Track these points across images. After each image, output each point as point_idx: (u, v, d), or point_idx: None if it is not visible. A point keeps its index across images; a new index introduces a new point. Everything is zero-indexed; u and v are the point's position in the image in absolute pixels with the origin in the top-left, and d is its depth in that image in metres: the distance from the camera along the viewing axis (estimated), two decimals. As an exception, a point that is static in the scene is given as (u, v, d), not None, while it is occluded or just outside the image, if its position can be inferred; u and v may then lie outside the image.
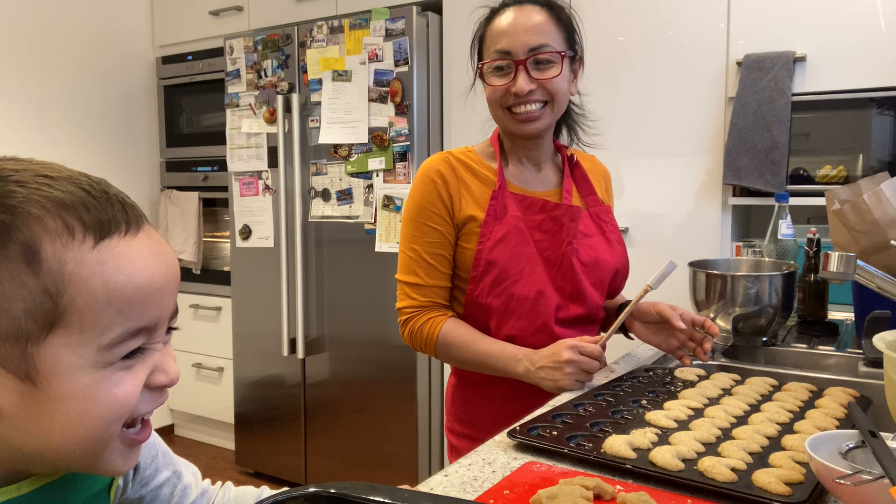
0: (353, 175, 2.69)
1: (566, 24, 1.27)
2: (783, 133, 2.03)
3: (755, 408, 1.05)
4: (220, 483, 0.89)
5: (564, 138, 1.44)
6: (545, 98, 1.24)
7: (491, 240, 1.26)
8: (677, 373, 1.24)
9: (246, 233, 3.02)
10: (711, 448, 0.89)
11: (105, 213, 0.51)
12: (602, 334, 1.21)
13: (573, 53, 1.28)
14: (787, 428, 0.97)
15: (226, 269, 3.29)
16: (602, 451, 0.88)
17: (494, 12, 1.27)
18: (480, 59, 1.29)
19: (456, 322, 1.28)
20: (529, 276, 1.26)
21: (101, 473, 0.57)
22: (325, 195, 2.77)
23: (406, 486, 0.79)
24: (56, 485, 0.58)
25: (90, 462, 0.54)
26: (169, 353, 0.56)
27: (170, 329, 0.57)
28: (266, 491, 0.89)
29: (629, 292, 1.43)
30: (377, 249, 2.64)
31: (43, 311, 0.48)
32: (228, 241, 3.17)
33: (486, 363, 1.24)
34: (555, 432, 0.95)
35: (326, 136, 2.72)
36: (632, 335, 1.36)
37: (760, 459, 0.85)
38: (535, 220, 1.28)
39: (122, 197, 0.54)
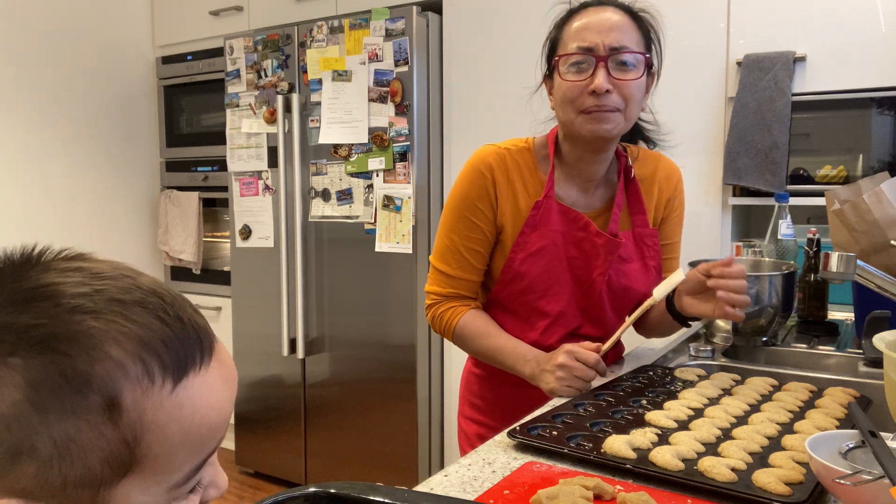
0: (353, 175, 2.69)
1: (646, 31, 1.23)
2: (783, 133, 2.02)
3: (755, 408, 1.05)
4: None
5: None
6: (619, 105, 1.16)
7: (525, 251, 1.25)
8: (677, 373, 1.24)
9: (246, 233, 3.02)
10: (711, 448, 0.89)
11: (183, 350, 0.49)
12: (604, 343, 1.20)
13: (652, 63, 1.22)
14: (787, 428, 0.97)
15: (226, 269, 3.29)
16: (602, 451, 0.88)
17: (573, 12, 1.22)
18: (551, 59, 1.23)
19: (476, 314, 1.29)
20: (557, 293, 1.26)
21: None
22: (325, 195, 2.77)
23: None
24: None
25: None
26: (217, 459, 0.55)
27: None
28: None
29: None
30: (377, 249, 2.64)
31: (119, 460, 0.46)
32: (228, 241, 3.17)
33: (497, 358, 1.26)
34: (555, 432, 0.95)
35: (326, 136, 2.72)
36: (686, 318, 1.26)
37: (760, 459, 0.85)
38: (576, 236, 1.25)
39: (195, 322, 0.51)
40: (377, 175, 2.62)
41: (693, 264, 1.56)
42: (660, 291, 1.18)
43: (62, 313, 0.46)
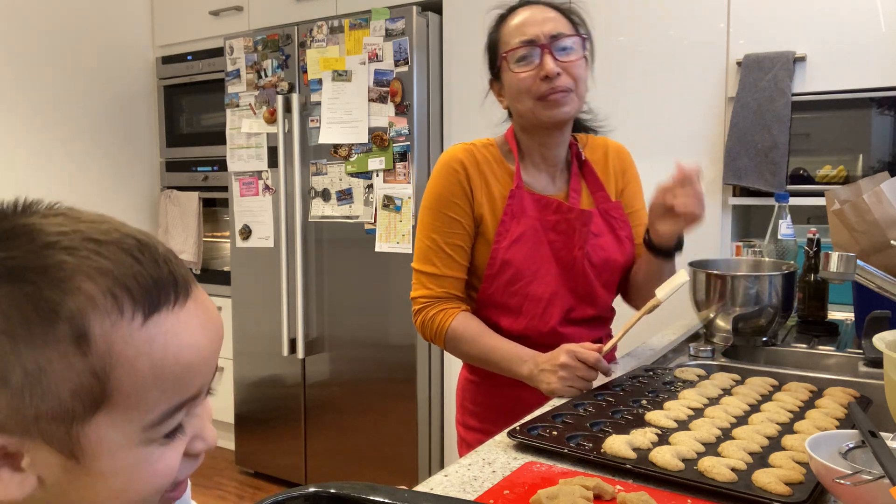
0: (353, 175, 2.69)
1: (574, 21, 1.30)
2: (783, 133, 2.03)
3: (755, 408, 1.05)
4: None
5: None
6: (570, 86, 1.23)
7: (508, 239, 1.27)
8: (677, 373, 1.24)
9: (246, 233, 3.02)
10: (711, 448, 0.89)
11: (155, 286, 0.49)
12: (607, 343, 1.20)
13: (587, 46, 1.29)
14: (787, 428, 0.97)
15: (226, 269, 3.29)
16: (602, 451, 0.88)
17: (504, 15, 1.29)
18: (495, 61, 1.29)
19: (468, 316, 1.28)
20: (544, 276, 1.28)
21: None
22: (325, 195, 2.77)
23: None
24: None
25: None
26: (206, 413, 0.55)
27: (208, 391, 0.56)
28: None
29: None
30: (377, 249, 2.64)
31: (89, 393, 0.47)
32: (228, 241, 3.17)
33: (492, 360, 1.25)
34: (555, 432, 0.95)
35: (326, 136, 2.72)
36: (664, 247, 1.29)
37: (760, 459, 0.85)
38: (551, 220, 1.29)
39: (168, 259, 0.52)
40: (377, 175, 2.62)
41: (693, 264, 1.57)
42: (663, 292, 1.18)
43: (37, 248, 0.47)
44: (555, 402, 1.11)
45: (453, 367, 2.63)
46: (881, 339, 0.92)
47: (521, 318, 1.29)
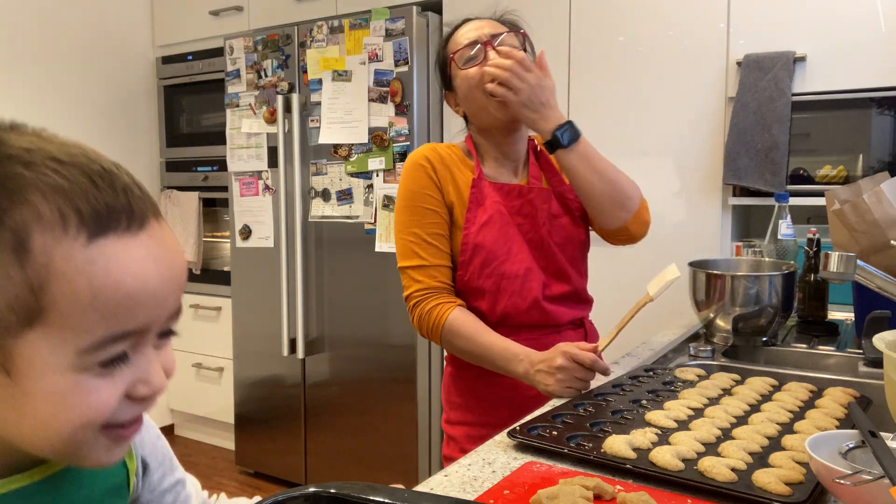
0: (353, 175, 2.69)
1: (514, 27, 1.37)
2: (783, 133, 2.03)
3: (755, 408, 1.05)
4: (215, 496, 0.88)
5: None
6: None
7: (476, 224, 1.30)
8: (677, 373, 1.24)
9: (246, 233, 3.02)
10: (711, 448, 0.89)
11: (105, 207, 0.48)
12: (600, 341, 1.20)
13: (526, 34, 1.37)
14: (787, 428, 0.97)
15: (226, 269, 3.29)
16: (602, 451, 0.88)
17: (451, 33, 1.36)
18: (446, 72, 1.36)
19: (464, 311, 1.29)
20: (517, 254, 1.30)
21: (86, 466, 0.55)
22: (325, 195, 2.77)
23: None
24: (68, 474, 0.57)
25: (68, 458, 0.53)
26: (163, 357, 0.54)
27: (169, 333, 0.55)
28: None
29: (628, 297, 1.43)
30: (377, 249, 2.64)
31: (24, 305, 0.46)
32: (228, 241, 3.17)
33: (487, 358, 1.25)
34: (555, 432, 0.95)
35: (326, 136, 2.72)
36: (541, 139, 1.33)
37: (760, 459, 0.85)
38: (515, 205, 1.32)
39: (130, 188, 0.51)
40: (377, 175, 2.62)
41: (693, 264, 1.57)
42: (655, 290, 1.17)
43: None
44: (554, 402, 1.11)
45: (453, 367, 2.63)
46: (881, 339, 0.92)
47: (500, 298, 1.30)
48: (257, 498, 0.87)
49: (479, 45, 1.29)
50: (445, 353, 1.44)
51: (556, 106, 1.26)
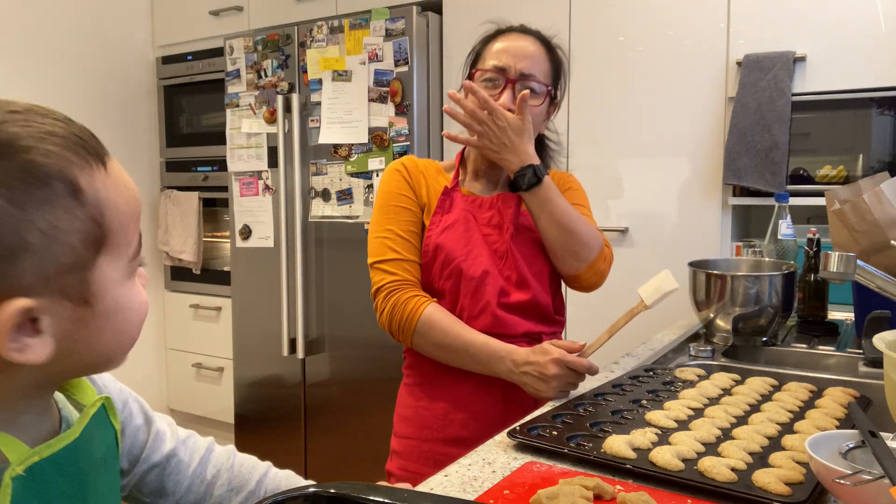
0: (353, 175, 2.69)
1: (556, 65, 1.35)
2: (783, 133, 2.03)
3: (755, 408, 1.05)
4: (224, 448, 0.88)
5: None
6: None
7: (440, 226, 1.29)
8: (677, 373, 1.24)
9: (246, 233, 3.02)
10: (711, 448, 0.89)
11: (90, 140, 0.57)
12: (590, 343, 1.17)
13: (555, 95, 1.35)
14: (787, 428, 0.97)
15: (226, 269, 3.29)
16: (602, 451, 0.88)
17: (498, 32, 1.35)
18: (470, 72, 1.35)
19: (439, 307, 1.26)
20: (476, 257, 1.28)
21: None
22: (325, 195, 2.77)
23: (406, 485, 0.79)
24: (83, 440, 0.61)
25: (124, 357, 0.62)
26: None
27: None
28: (271, 469, 0.87)
29: (624, 300, 1.42)
30: (377, 249, 2.64)
31: (94, 237, 0.54)
32: (228, 241, 3.17)
33: (468, 353, 1.22)
34: (555, 432, 0.95)
35: (326, 136, 2.72)
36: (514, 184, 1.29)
37: (760, 459, 0.85)
38: (484, 216, 1.31)
39: (83, 128, 0.58)
40: (377, 175, 2.62)
41: (693, 264, 1.57)
42: (651, 298, 1.13)
43: None
44: (554, 402, 1.11)
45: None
46: (881, 339, 0.92)
47: (457, 298, 1.27)
48: (269, 465, 0.88)
49: (502, 79, 1.28)
50: (405, 363, 1.38)
51: (522, 148, 1.24)
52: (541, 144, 1.41)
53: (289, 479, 0.86)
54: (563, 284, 1.39)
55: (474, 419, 1.27)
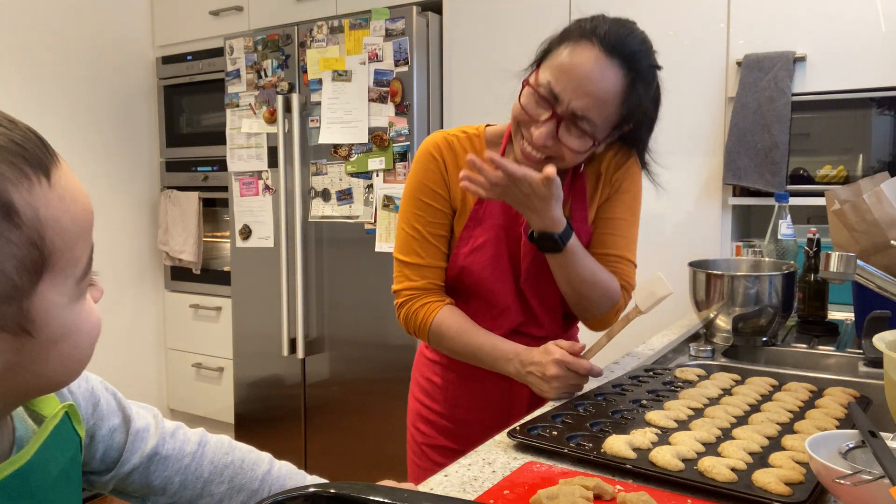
0: (353, 175, 2.69)
1: (632, 99, 1.13)
2: (783, 133, 2.03)
3: (755, 408, 1.05)
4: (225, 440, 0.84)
5: None
6: (553, 155, 1.13)
7: (469, 245, 1.25)
8: (677, 373, 1.24)
9: (246, 233, 3.02)
10: (711, 448, 0.89)
11: (35, 149, 0.50)
12: (588, 346, 1.16)
13: (613, 137, 1.18)
14: (787, 428, 0.97)
15: (226, 269, 3.29)
16: (602, 451, 0.88)
17: (581, 34, 1.10)
18: (537, 62, 1.16)
19: (452, 310, 1.25)
20: (501, 290, 1.26)
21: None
22: (325, 195, 2.77)
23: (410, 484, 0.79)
24: (35, 462, 0.58)
25: (72, 381, 0.58)
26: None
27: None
28: (273, 466, 0.85)
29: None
30: (377, 249, 2.64)
31: (32, 262, 0.48)
32: (228, 241, 3.17)
33: (478, 357, 1.23)
34: (555, 432, 0.95)
35: (326, 136, 2.72)
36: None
37: (760, 459, 0.85)
38: (516, 231, 1.25)
39: (29, 132, 0.53)
40: (377, 175, 2.62)
41: (693, 264, 1.57)
42: (644, 303, 1.12)
43: None
44: (554, 402, 1.11)
45: (453, 367, 2.63)
46: (881, 339, 0.92)
47: (483, 318, 1.26)
48: (225, 437, 0.84)
49: (548, 108, 1.09)
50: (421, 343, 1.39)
51: (547, 214, 1.09)
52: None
53: (291, 476, 0.84)
54: None
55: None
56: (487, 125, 1.30)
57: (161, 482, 0.75)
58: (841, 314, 1.76)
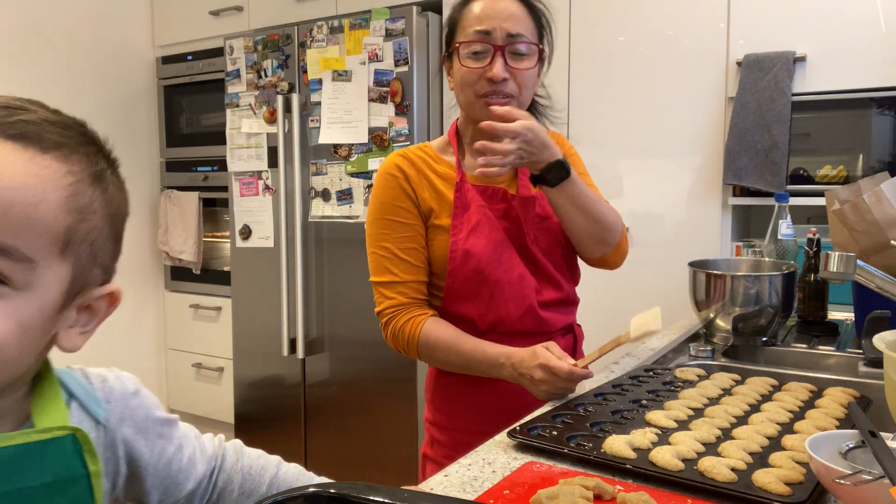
0: (353, 175, 2.69)
1: (539, 21, 1.26)
2: (783, 133, 2.03)
3: (755, 408, 1.05)
4: (231, 443, 0.83)
5: None
6: (514, 92, 1.22)
7: (463, 231, 1.25)
8: (677, 373, 1.24)
9: (246, 233, 3.02)
10: (711, 448, 0.89)
11: None
12: (583, 357, 1.15)
13: (543, 51, 1.28)
14: (787, 428, 0.97)
15: (226, 269, 3.29)
16: (602, 451, 0.88)
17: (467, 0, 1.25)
18: (451, 41, 1.27)
19: (437, 321, 1.25)
20: (508, 261, 1.26)
21: None
22: (325, 195, 2.77)
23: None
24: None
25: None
26: None
27: None
28: (280, 469, 0.85)
29: (625, 300, 1.42)
30: (377, 249, 2.64)
31: None
32: (228, 241, 3.17)
33: (470, 366, 1.22)
34: (555, 432, 0.95)
35: (326, 136, 2.72)
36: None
37: (760, 459, 0.85)
38: (500, 208, 1.28)
39: None
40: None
41: (693, 264, 1.57)
42: (636, 331, 1.12)
43: None
44: (555, 402, 1.11)
45: (453, 367, 2.63)
46: (881, 339, 0.92)
47: (493, 305, 1.26)
48: (237, 442, 0.83)
49: (489, 47, 1.19)
50: None
51: (549, 144, 1.17)
52: (531, 105, 1.36)
53: (298, 478, 0.84)
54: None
55: (503, 410, 1.26)
56: (427, 142, 1.38)
57: (187, 498, 0.76)
58: (841, 314, 1.76)
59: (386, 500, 0.64)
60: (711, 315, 1.50)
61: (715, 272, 1.50)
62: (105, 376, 0.69)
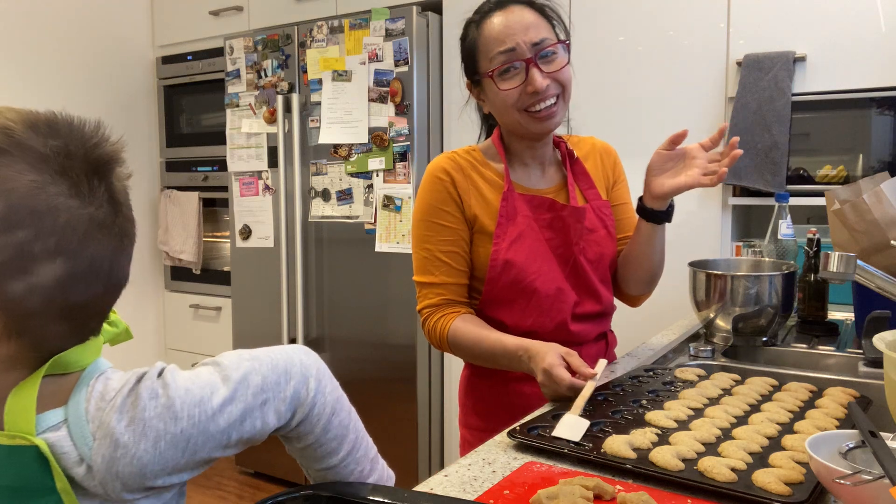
0: (353, 175, 2.69)
1: (551, 16, 1.28)
2: (783, 133, 2.02)
3: (755, 408, 1.05)
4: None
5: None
6: (557, 92, 1.24)
7: (506, 240, 1.27)
8: (677, 373, 1.24)
9: (246, 233, 3.02)
10: (711, 448, 0.89)
11: None
12: (582, 371, 1.13)
13: (568, 41, 1.29)
14: (787, 428, 0.97)
15: (226, 269, 3.29)
16: (602, 451, 0.88)
17: (480, 21, 1.26)
18: (475, 69, 1.27)
19: (465, 319, 1.27)
20: (548, 273, 1.28)
21: None
22: (325, 195, 2.77)
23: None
24: None
25: None
26: None
27: None
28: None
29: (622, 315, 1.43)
30: (377, 249, 2.64)
31: None
32: (228, 241, 3.17)
33: (494, 359, 1.25)
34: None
35: (326, 136, 2.72)
36: (657, 212, 1.27)
37: (760, 459, 0.85)
38: (545, 218, 1.29)
39: None
40: (377, 175, 2.62)
41: (693, 264, 1.57)
42: (601, 375, 1.12)
43: None
44: (554, 402, 1.11)
45: (453, 367, 2.63)
46: (881, 339, 0.92)
47: (528, 314, 1.29)
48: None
49: (520, 63, 1.20)
50: None
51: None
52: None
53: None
54: None
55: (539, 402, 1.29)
56: (475, 145, 1.39)
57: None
58: (841, 314, 1.76)
59: (386, 500, 0.64)
60: (711, 315, 1.50)
61: (715, 272, 1.50)
62: (119, 406, 0.61)
